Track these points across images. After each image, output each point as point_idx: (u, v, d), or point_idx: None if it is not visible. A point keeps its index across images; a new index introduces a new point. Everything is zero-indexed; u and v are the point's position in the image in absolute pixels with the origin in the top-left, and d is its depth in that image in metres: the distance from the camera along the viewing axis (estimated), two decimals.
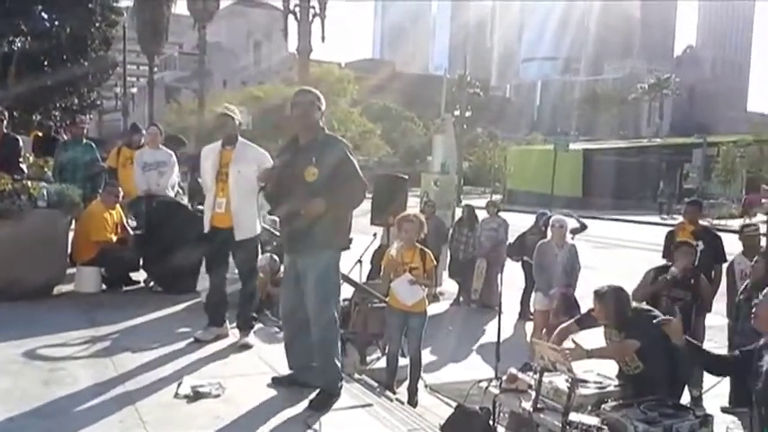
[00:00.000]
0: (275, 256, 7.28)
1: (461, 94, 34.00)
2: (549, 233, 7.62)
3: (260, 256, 6.17)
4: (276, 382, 4.55)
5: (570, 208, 15.21)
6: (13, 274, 6.38)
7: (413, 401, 5.81)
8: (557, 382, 4.35)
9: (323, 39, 16.01)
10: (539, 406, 4.27)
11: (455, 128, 25.03)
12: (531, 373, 4.64)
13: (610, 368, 4.73)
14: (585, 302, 7.40)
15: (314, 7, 15.41)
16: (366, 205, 9.47)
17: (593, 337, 4.80)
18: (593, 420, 4.07)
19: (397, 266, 5.80)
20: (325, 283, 4.32)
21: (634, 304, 4.60)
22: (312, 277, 4.30)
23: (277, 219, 6.48)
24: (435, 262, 6.04)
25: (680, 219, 8.17)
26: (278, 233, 6.38)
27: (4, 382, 4.36)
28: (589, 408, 4.28)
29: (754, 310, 3.69)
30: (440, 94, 36.49)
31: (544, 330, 7.21)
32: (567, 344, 4.57)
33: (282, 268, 7.41)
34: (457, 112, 34.05)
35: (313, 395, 4.30)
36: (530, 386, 4.48)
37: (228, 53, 65.78)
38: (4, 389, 4.22)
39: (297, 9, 15.56)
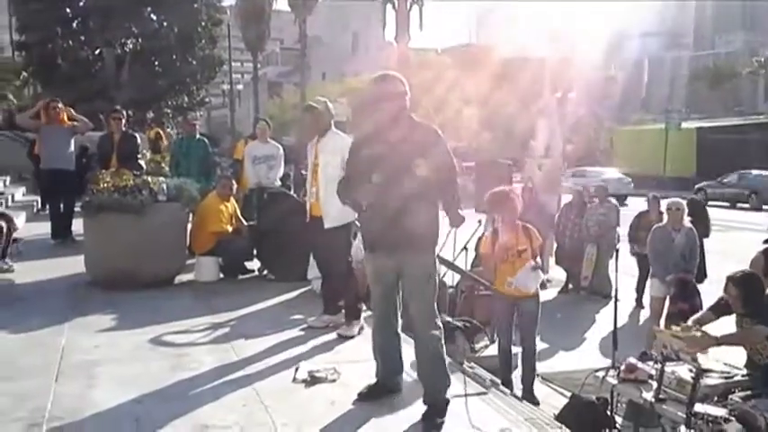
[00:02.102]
0: None
1: (563, 75, 33.02)
2: (666, 216, 7.29)
3: (359, 249, 6.20)
4: (362, 397, 4.12)
5: (685, 189, 14.57)
6: (137, 264, 6.76)
7: (531, 397, 5.42)
8: (679, 372, 4.18)
9: (421, 27, 15.97)
10: (661, 396, 4.12)
11: (558, 110, 24.35)
12: (650, 363, 4.48)
13: (738, 357, 4.49)
14: (704, 288, 7.08)
15: None
16: (470, 192, 9.47)
17: (723, 326, 4.57)
18: (721, 411, 3.88)
19: (503, 253, 5.41)
20: (430, 284, 3.97)
21: None
22: (416, 278, 3.93)
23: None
24: (540, 238, 5.69)
25: None
26: None
27: (135, 367, 4.61)
28: (715, 398, 4.09)
29: None
30: (540, 76, 35.62)
31: (663, 318, 6.92)
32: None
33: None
34: (559, 94, 33.12)
35: (424, 409, 3.94)
36: (650, 376, 4.32)
37: (327, 46, 66.80)
38: (135, 374, 4.46)
39: None
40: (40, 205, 12.61)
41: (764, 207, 24.84)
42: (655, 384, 4.20)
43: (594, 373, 4.76)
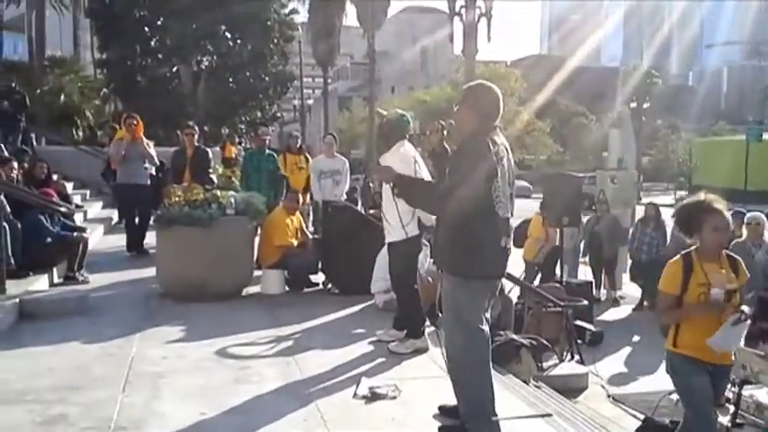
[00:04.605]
0: None
1: (638, 85, 32.17)
2: (744, 232, 6.97)
3: (428, 261, 6.12)
4: (443, 412, 4.04)
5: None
6: (206, 276, 6.88)
7: None
8: (758, 396, 3.96)
9: (489, 39, 15.86)
10: (738, 421, 3.90)
11: (633, 121, 23.70)
12: (728, 386, 4.25)
13: None
14: None
15: (479, 8, 15.29)
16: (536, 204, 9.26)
17: None
18: None
19: (700, 290, 3.52)
20: (453, 306, 3.80)
21: None
22: (444, 296, 3.88)
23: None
24: (748, 273, 3.76)
25: None
26: None
27: (199, 379, 4.68)
28: None
29: None
30: (614, 87, 34.84)
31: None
32: None
33: None
34: (634, 104, 32.27)
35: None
36: (728, 399, 4.10)
37: (395, 60, 67.23)
38: (199, 386, 4.53)
39: (462, 11, 15.52)
40: (117, 219, 13.08)
41: None
42: (732, 408, 3.98)
43: (669, 395, 4.55)
